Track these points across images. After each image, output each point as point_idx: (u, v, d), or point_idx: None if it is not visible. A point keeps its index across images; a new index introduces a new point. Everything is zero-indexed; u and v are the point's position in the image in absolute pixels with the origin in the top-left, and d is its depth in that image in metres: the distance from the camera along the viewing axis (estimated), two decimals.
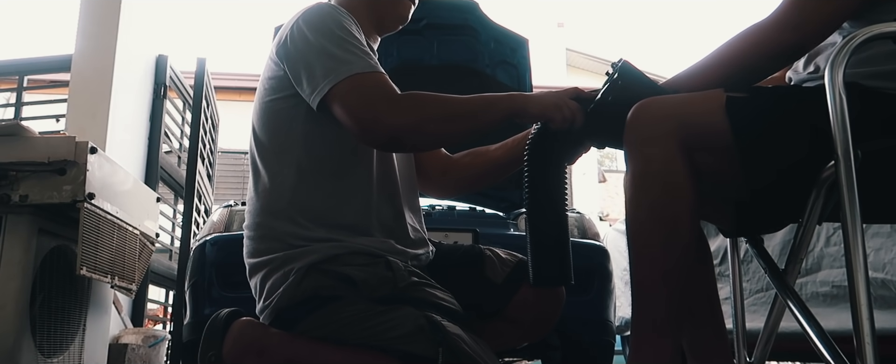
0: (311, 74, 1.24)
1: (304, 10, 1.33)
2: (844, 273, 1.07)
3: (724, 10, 29.62)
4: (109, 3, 3.39)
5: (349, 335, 1.20)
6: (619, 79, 1.22)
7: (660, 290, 1.09)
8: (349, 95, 1.21)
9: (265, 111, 1.35)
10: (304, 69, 1.26)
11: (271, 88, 1.34)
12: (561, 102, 1.28)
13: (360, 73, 1.22)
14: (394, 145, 1.33)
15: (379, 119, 1.22)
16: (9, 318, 1.74)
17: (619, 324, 3.16)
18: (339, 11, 1.32)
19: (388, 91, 1.24)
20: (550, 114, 1.28)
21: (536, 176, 1.33)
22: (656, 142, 1.10)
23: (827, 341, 1.06)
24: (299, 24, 1.30)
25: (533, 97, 1.31)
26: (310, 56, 1.26)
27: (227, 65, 9.12)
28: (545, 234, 1.32)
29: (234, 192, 7.91)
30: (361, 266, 1.24)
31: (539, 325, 1.45)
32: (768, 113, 1.10)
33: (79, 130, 3.00)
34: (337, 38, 1.26)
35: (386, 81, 1.25)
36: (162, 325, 4.55)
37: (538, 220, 1.33)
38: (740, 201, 1.19)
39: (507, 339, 1.44)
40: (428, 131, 1.26)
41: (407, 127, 1.23)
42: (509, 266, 1.44)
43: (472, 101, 1.29)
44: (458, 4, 2.89)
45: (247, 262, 1.35)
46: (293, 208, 1.29)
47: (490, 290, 1.41)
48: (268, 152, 1.34)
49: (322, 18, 1.29)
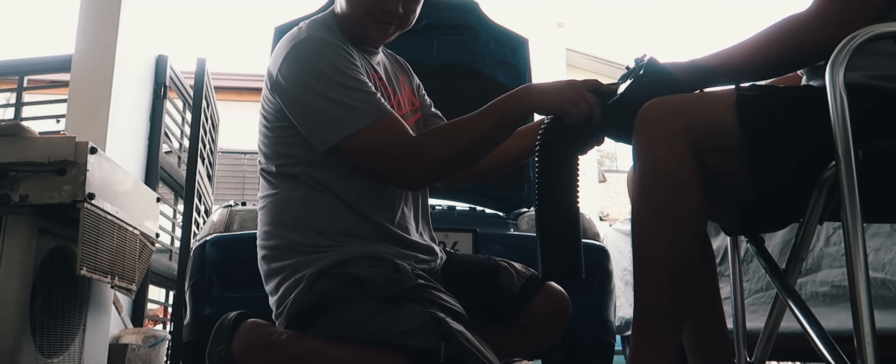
0: (315, 123, 1.26)
1: (295, 43, 1.30)
2: (844, 273, 1.07)
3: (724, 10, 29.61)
4: (109, 3, 3.39)
5: (356, 333, 1.21)
6: (645, 75, 1.20)
7: (663, 291, 1.09)
8: (363, 148, 1.25)
9: (266, 134, 1.37)
10: (303, 116, 1.28)
11: (271, 118, 1.35)
12: (578, 96, 1.26)
13: (367, 127, 1.24)
14: (420, 186, 1.42)
15: (398, 170, 1.27)
16: (9, 318, 1.74)
17: (619, 324, 3.15)
18: (327, 47, 1.29)
19: (399, 141, 1.26)
20: (566, 108, 1.26)
21: (547, 168, 1.31)
22: (665, 142, 1.10)
23: (827, 341, 1.06)
24: (292, 61, 1.28)
25: (548, 90, 1.29)
26: (308, 103, 1.26)
27: (227, 65, 9.14)
28: (555, 228, 1.30)
29: (234, 192, 7.91)
30: (369, 267, 1.26)
31: (548, 335, 1.47)
32: (779, 112, 1.09)
33: (79, 130, 3.00)
34: (333, 85, 1.25)
35: (396, 124, 1.27)
36: (162, 325, 4.55)
37: (549, 213, 1.30)
38: (744, 202, 1.19)
39: (517, 346, 1.46)
40: (447, 167, 1.32)
41: (427, 172, 1.29)
42: (524, 277, 1.47)
43: (485, 117, 1.30)
44: (458, 4, 2.88)
45: (261, 268, 1.38)
46: (300, 220, 1.31)
47: (506, 298, 1.44)
48: (272, 170, 1.36)
49: (315, 59, 1.27)
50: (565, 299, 1.48)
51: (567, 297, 1.48)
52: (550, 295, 1.45)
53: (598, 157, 11.23)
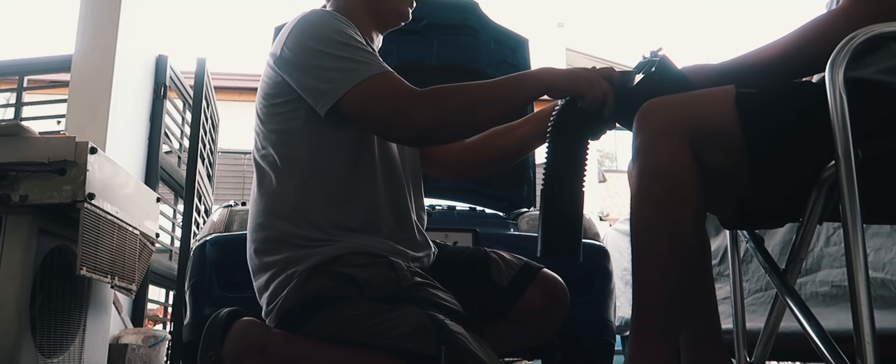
0: (317, 83, 1.24)
1: (301, 17, 1.32)
2: (844, 273, 1.07)
3: (724, 10, 29.63)
4: (109, 3, 3.39)
5: (352, 335, 1.19)
6: (657, 73, 1.21)
7: (661, 289, 1.09)
8: (369, 98, 1.22)
9: (266, 116, 1.35)
10: (308, 77, 1.26)
11: (271, 94, 1.33)
12: (595, 80, 1.26)
13: (374, 76, 1.23)
14: (422, 141, 1.37)
15: (404, 118, 1.22)
16: (9, 318, 1.74)
17: (619, 324, 3.16)
18: (335, 17, 1.31)
19: (407, 89, 1.24)
20: (582, 89, 1.26)
21: (558, 148, 1.31)
22: (665, 139, 1.10)
23: (827, 341, 1.06)
24: (297, 31, 1.29)
25: (565, 71, 1.29)
26: (313, 63, 1.25)
27: (227, 65, 9.13)
28: (559, 207, 1.30)
29: (234, 192, 7.91)
30: (364, 266, 1.24)
31: (543, 328, 1.43)
32: (779, 109, 1.09)
33: (79, 130, 3.00)
34: (339, 45, 1.25)
35: (398, 80, 1.25)
36: (162, 325, 4.55)
37: (554, 192, 1.30)
38: (743, 197, 1.19)
39: (510, 340, 1.43)
40: (454, 123, 1.26)
41: (433, 122, 1.23)
42: (514, 269, 1.42)
43: (499, 84, 1.28)
44: (458, 4, 2.88)
45: (250, 262, 1.35)
46: (296, 211, 1.29)
47: (496, 293, 1.40)
48: (270, 156, 1.33)
49: (320, 26, 1.29)
50: (561, 287, 1.43)
51: (563, 285, 1.43)
52: (545, 284, 1.41)
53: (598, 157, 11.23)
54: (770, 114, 1.08)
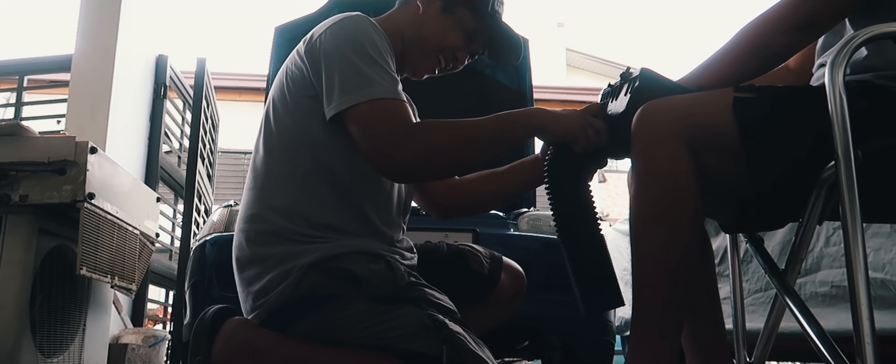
0: (333, 85, 1.23)
1: (342, 18, 1.31)
2: (844, 273, 1.07)
3: (724, 10, 29.63)
4: (109, 3, 3.39)
5: (348, 334, 1.19)
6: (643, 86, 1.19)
7: (661, 289, 1.09)
8: (367, 119, 1.21)
9: (284, 104, 1.32)
10: (327, 77, 1.25)
11: (294, 84, 1.32)
12: (586, 123, 1.28)
13: (382, 99, 1.22)
14: (405, 178, 1.37)
15: (391, 151, 1.21)
16: (9, 318, 1.74)
17: (619, 324, 3.16)
18: (375, 29, 1.30)
19: (405, 123, 1.23)
20: (575, 135, 1.27)
21: (562, 199, 1.30)
22: (662, 142, 1.10)
23: (827, 341, 1.06)
24: (333, 30, 1.29)
25: (558, 115, 1.30)
26: (335, 65, 1.24)
27: (227, 65, 9.16)
28: (585, 259, 1.27)
29: (234, 192, 7.90)
30: (365, 264, 1.23)
31: (512, 308, 1.59)
32: (775, 112, 1.09)
33: (79, 130, 3.00)
34: (366, 56, 1.24)
35: (405, 111, 1.24)
36: (162, 325, 4.55)
37: (577, 244, 1.28)
38: (742, 200, 1.19)
39: (486, 321, 1.51)
40: (439, 164, 1.27)
41: (418, 161, 1.23)
42: (488, 258, 1.55)
43: (489, 124, 1.28)
44: None
45: (239, 252, 1.32)
46: (294, 209, 1.27)
47: (478, 281, 1.52)
48: (280, 144, 1.31)
49: (356, 31, 1.28)
50: (520, 272, 1.60)
51: (523, 274, 1.60)
52: (510, 269, 1.57)
53: None
54: (767, 116, 1.09)
